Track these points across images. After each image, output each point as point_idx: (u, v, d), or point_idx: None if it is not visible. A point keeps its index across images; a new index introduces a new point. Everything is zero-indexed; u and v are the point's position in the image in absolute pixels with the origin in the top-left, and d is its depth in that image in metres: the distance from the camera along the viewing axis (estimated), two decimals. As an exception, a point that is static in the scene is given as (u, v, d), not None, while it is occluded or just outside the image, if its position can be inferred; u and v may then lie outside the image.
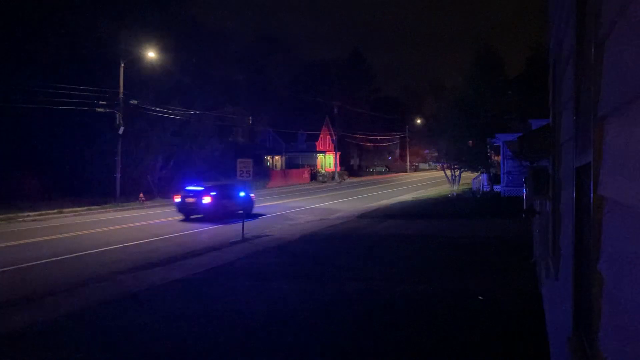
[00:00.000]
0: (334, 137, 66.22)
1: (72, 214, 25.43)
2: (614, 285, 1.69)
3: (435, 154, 41.70)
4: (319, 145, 68.34)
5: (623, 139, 1.60)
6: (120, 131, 30.33)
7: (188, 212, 22.80)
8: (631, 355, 1.46)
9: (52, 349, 6.79)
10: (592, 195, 2.14)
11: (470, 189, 37.64)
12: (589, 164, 2.22)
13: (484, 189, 35.64)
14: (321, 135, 68.81)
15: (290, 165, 62.11)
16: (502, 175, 33.92)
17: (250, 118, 52.00)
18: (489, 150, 37.38)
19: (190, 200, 22.48)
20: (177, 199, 23.24)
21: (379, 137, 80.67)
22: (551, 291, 5.40)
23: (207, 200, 22.16)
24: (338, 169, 63.15)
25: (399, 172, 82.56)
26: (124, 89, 30.78)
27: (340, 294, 9.23)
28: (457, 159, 36.45)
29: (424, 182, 54.58)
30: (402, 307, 8.36)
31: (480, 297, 8.10)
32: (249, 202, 23.73)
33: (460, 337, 6.83)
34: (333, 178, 59.18)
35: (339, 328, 7.32)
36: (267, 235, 17.46)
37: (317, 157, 67.69)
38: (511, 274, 10.44)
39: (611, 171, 1.78)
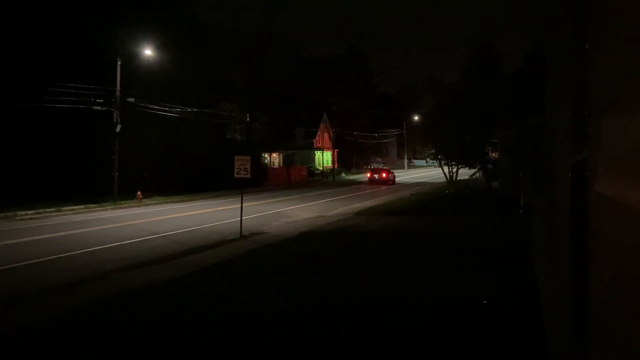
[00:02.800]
0: (332, 134, 66.15)
1: (70, 212, 25.39)
2: (610, 282, 1.70)
3: (433, 151, 41.74)
4: (316, 143, 68.28)
5: (618, 136, 1.60)
6: (118, 129, 30.25)
7: (374, 182, 46.20)
8: (627, 353, 1.46)
9: (47, 348, 6.79)
10: (588, 191, 2.14)
11: (468, 185, 37.69)
12: (585, 160, 2.22)
13: (482, 186, 35.71)
14: (319, 133, 68.73)
15: (288, 162, 62.05)
16: (499, 172, 33.98)
17: (248, 115, 51.85)
18: (486, 147, 37.44)
19: (376, 175, 48.08)
20: (368, 175, 49.33)
21: (376, 134, 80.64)
22: (548, 288, 5.41)
23: (384, 175, 47.65)
24: (336, 166, 63.11)
25: (396, 169, 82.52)
26: (121, 87, 30.69)
27: (338, 292, 9.22)
28: (455, 155, 36.51)
29: (422, 179, 54.70)
30: (400, 303, 8.36)
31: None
32: (394, 176, 48.68)
33: (456, 332, 6.84)
34: (331, 175, 59.18)
35: (341, 329, 7.32)
36: (265, 233, 17.46)
37: (315, 154, 67.63)
38: (509, 270, 10.46)
39: (607, 167, 1.78)
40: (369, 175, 48.78)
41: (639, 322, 1.28)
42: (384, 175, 47.17)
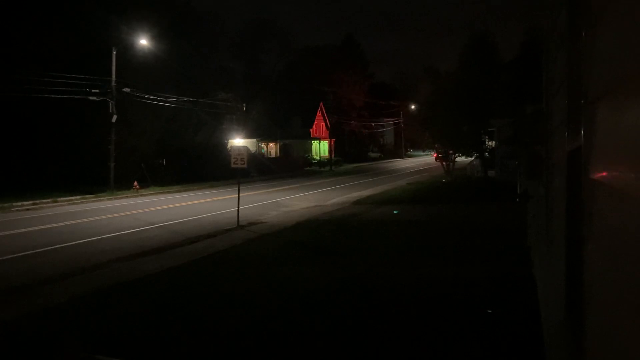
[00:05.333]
0: (329, 124, 66.06)
1: (67, 202, 25.37)
2: (603, 269, 1.71)
3: (430, 140, 41.71)
4: (313, 132, 68.20)
5: (613, 122, 1.60)
6: (113, 119, 30.17)
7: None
8: (619, 339, 1.48)
9: (46, 338, 6.81)
10: (583, 178, 2.15)
11: (465, 174, 37.71)
12: (580, 148, 2.23)
13: (478, 174, 35.74)
14: (315, 122, 68.64)
15: (285, 151, 62.03)
16: (496, 161, 34.03)
17: (244, 105, 51.74)
18: (483, 136, 37.44)
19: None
20: (435, 155, 48.14)
21: (373, 124, 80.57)
22: (544, 275, 5.45)
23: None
24: (332, 155, 63.10)
25: (393, 158, 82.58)
26: (116, 77, 30.57)
27: (335, 282, 9.25)
28: (451, 144, 36.50)
29: (419, 167, 54.75)
30: (396, 293, 8.40)
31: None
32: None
33: (452, 319, 6.88)
34: (328, 164, 59.19)
35: (341, 317, 7.36)
36: (263, 222, 17.47)
37: (312, 144, 67.54)
38: (505, 258, 10.50)
39: (601, 154, 1.79)
40: (435, 155, 60.44)
41: (632, 307, 1.30)
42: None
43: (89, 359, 6.01)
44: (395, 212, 16.52)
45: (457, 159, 38.97)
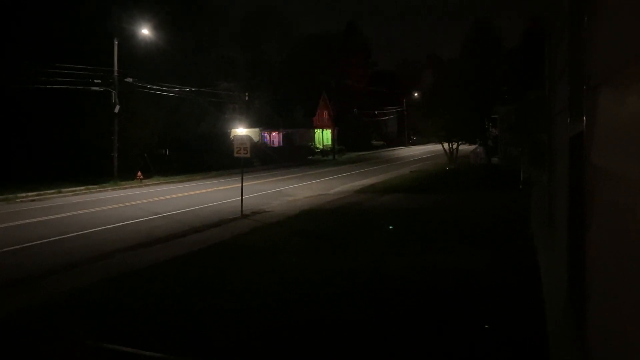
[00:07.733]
0: (331, 112, 65.88)
1: (71, 193, 25.45)
2: (604, 252, 1.74)
3: (433, 128, 41.58)
4: (316, 121, 67.99)
5: (614, 108, 1.62)
6: (116, 110, 30.17)
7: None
8: (618, 323, 1.51)
9: (52, 327, 6.87)
10: (585, 163, 2.17)
11: (468, 162, 37.65)
12: (582, 133, 2.25)
13: (482, 162, 35.69)
14: (318, 111, 68.39)
15: (287, 141, 61.91)
16: (499, 148, 33.97)
17: (247, 94, 51.60)
18: (486, 123, 37.35)
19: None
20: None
21: (376, 112, 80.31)
22: (547, 261, 5.48)
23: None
24: (336, 144, 62.97)
25: (397, 146, 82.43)
26: (118, 67, 30.52)
27: (339, 271, 9.30)
28: (454, 132, 36.42)
29: (422, 155, 54.67)
30: (397, 282, 8.45)
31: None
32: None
33: (456, 304, 6.92)
34: (331, 153, 59.09)
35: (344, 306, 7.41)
36: (266, 211, 17.51)
37: (315, 133, 67.40)
38: (509, 244, 10.52)
39: (603, 139, 1.81)
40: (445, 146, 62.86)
41: (632, 286, 1.33)
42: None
43: (96, 348, 6.09)
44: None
45: (460, 146, 38.88)
